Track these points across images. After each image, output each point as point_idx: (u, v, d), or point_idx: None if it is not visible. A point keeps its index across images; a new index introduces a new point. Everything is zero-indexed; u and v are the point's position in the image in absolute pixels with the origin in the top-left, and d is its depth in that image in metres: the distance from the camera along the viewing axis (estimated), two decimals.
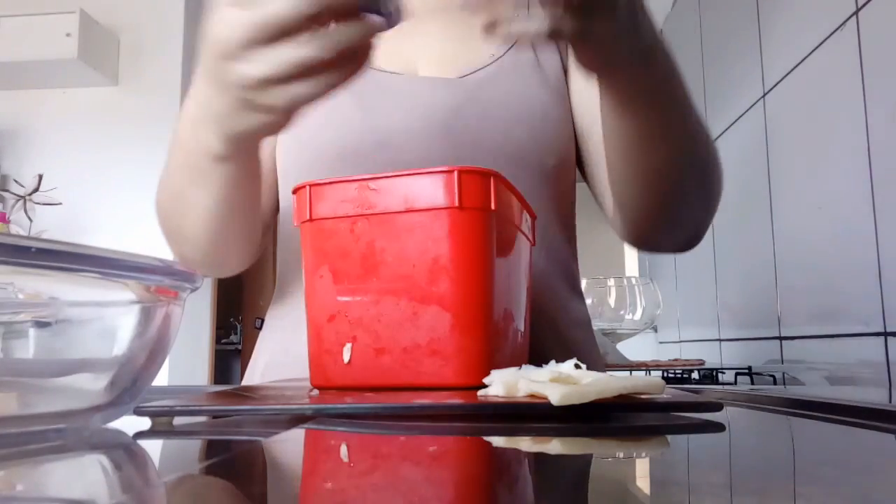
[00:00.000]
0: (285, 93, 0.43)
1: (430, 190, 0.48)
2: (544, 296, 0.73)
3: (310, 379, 0.51)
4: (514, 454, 0.31)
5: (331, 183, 0.50)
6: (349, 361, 0.49)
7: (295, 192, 0.52)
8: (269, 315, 0.80)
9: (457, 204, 0.47)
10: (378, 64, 0.72)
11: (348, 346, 0.49)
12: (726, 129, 1.62)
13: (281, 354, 0.74)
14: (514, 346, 0.55)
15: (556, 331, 0.73)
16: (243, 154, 0.55)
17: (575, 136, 0.76)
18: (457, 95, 0.70)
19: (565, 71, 0.76)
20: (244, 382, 0.79)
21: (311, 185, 0.51)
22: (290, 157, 0.73)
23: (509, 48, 0.74)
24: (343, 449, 0.33)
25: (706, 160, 0.66)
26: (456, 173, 0.48)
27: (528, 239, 0.61)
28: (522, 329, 0.58)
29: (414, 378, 0.48)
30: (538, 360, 0.50)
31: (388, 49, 0.74)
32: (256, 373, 0.76)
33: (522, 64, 0.73)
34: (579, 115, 0.76)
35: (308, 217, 0.51)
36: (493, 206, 0.48)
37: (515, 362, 0.54)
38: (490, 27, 0.44)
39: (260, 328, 0.83)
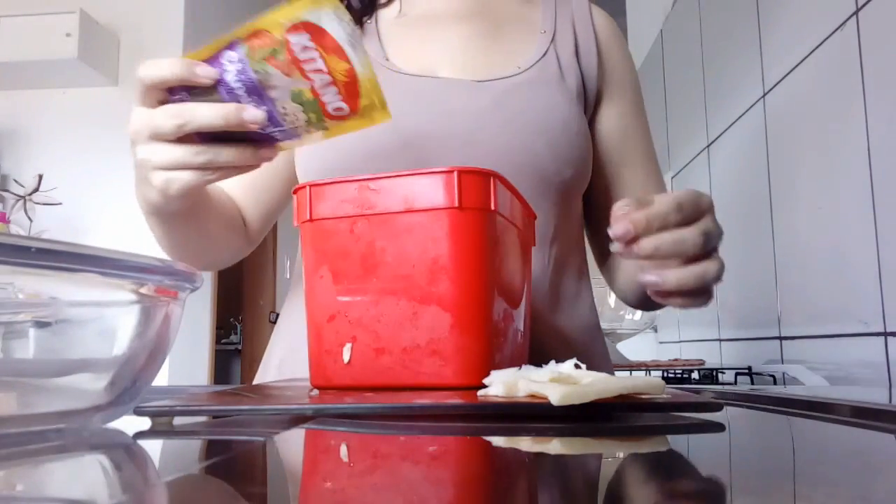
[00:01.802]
0: (167, 178, 0.53)
1: (431, 190, 0.48)
2: (555, 303, 0.73)
3: (309, 379, 0.51)
4: (514, 454, 0.31)
5: (331, 183, 0.50)
6: (349, 361, 0.49)
7: (295, 192, 0.52)
8: (284, 309, 0.81)
9: (457, 204, 0.47)
10: (398, 66, 0.74)
11: (348, 346, 0.49)
12: (726, 129, 1.62)
13: (295, 349, 0.74)
14: (514, 346, 0.55)
15: (563, 336, 0.73)
16: (175, 207, 0.59)
17: (594, 153, 0.78)
18: (480, 100, 0.71)
19: (585, 91, 0.77)
20: (258, 375, 0.80)
21: (311, 186, 0.51)
22: (315, 157, 0.74)
23: (536, 62, 0.75)
24: (343, 449, 0.33)
25: None
26: (456, 173, 0.48)
27: (527, 239, 0.61)
28: (522, 329, 0.58)
29: (414, 378, 0.48)
30: (545, 362, 0.50)
31: (408, 52, 0.76)
32: (271, 367, 0.77)
33: (547, 77, 0.74)
34: (604, 150, 0.79)
35: (308, 217, 0.50)
36: (492, 207, 0.48)
37: (515, 362, 0.54)
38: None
39: (275, 322, 0.84)
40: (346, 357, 0.49)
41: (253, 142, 0.52)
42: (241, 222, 0.81)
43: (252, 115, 0.49)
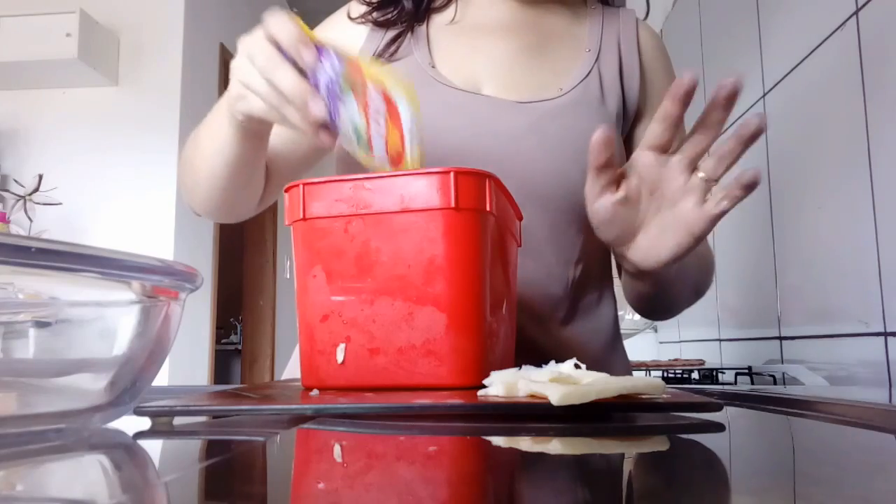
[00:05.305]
0: (240, 93, 0.58)
1: (426, 190, 0.48)
2: (572, 315, 0.74)
3: (301, 379, 0.51)
4: (514, 454, 0.31)
5: (325, 182, 0.50)
6: (343, 362, 0.49)
7: (287, 190, 0.52)
8: None
9: (453, 205, 0.47)
10: (443, 76, 0.74)
11: (342, 346, 0.49)
12: (726, 129, 1.62)
13: None
14: (506, 347, 0.55)
15: (581, 347, 0.74)
16: (239, 118, 0.64)
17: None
18: (518, 122, 0.71)
19: (625, 111, 0.77)
20: (289, 367, 0.80)
21: (304, 184, 0.50)
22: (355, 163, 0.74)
23: (578, 83, 0.74)
24: (344, 449, 0.33)
25: (705, 283, 0.80)
26: (452, 174, 0.48)
27: (515, 240, 0.61)
28: (511, 329, 0.58)
29: (409, 379, 0.47)
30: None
31: (455, 60, 0.76)
32: None
33: (588, 100, 0.74)
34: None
35: (301, 216, 0.50)
36: (488, 208, 0.48)
37: (506, 363, 0.54)
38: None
39: None
40: (339, 357, 0.49)
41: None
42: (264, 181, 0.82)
43: (317, 107, 0.53)
